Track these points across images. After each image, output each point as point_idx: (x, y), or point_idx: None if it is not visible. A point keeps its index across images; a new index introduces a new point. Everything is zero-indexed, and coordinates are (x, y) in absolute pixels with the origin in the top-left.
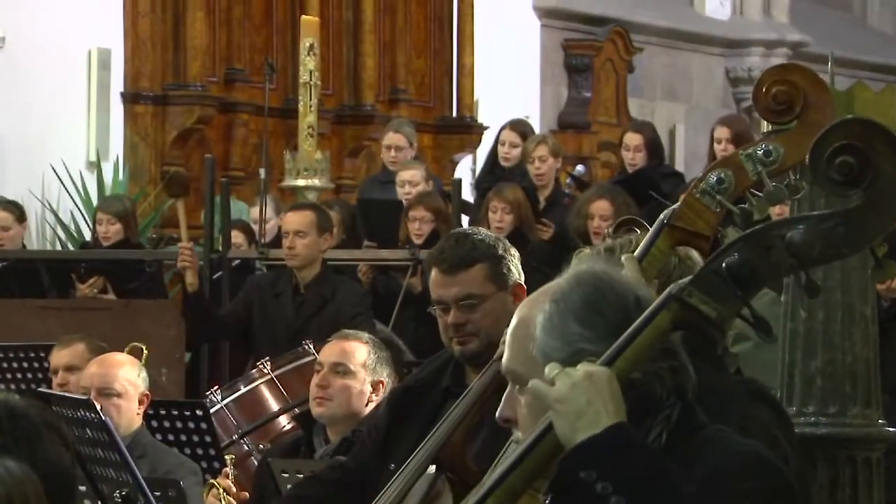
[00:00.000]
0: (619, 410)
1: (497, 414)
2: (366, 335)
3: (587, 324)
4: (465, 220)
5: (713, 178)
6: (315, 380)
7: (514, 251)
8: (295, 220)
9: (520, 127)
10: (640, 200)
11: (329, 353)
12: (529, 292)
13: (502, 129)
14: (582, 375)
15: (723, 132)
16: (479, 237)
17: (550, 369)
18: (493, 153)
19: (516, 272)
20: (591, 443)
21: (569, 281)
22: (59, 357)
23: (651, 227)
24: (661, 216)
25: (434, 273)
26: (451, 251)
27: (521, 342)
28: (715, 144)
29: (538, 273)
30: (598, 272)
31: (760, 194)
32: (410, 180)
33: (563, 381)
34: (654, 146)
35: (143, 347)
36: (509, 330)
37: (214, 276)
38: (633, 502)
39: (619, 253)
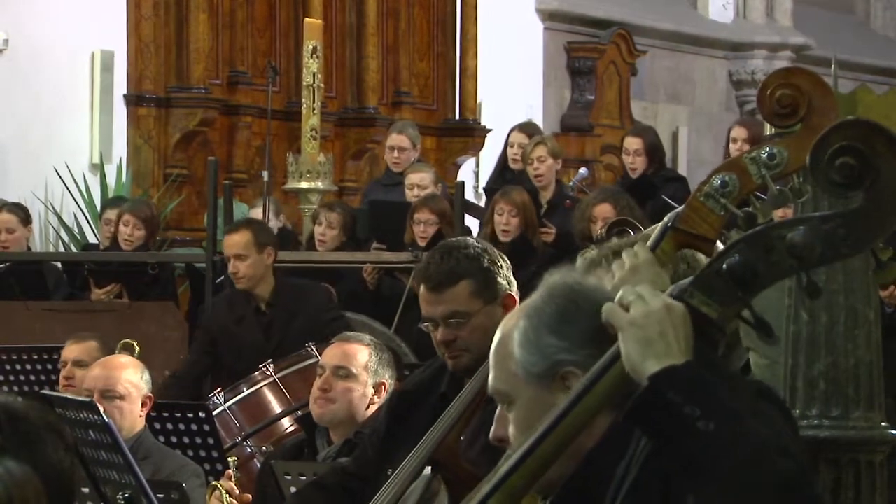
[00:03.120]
0: (689, 349)
1: (490, 435)
2: (367, 337)
3: (562, 335)
4: (471, 222)
5: (717, 181)
6: (317, 383)
7: (502, 261)
8: (231, 242)
9: (529, 129)
10: (643, 207)
11: (331, 355)
12: None
13: (511, 131)
14: (661, 306)
15: (740, 132)
16: (465, 251)
17: (626, 293)
18: (504, 156)
19: (506, 283)
20: (675, 370)
21: (541, 295)
22: (70, 350)
23: (649, 227)
24: (665, 219)
25: (421, 290)
26: (436, 268)
27: (502, 361)
28: (731, 144)
29: (541, 278)
30: (570, 283)
31: (765, 197)
32: (419, 183)
33: (638, 307)
34: (654, 150)
35: (135, 343)
36: (491, 350)
37: (217, 280)
38: (721, 428)
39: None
